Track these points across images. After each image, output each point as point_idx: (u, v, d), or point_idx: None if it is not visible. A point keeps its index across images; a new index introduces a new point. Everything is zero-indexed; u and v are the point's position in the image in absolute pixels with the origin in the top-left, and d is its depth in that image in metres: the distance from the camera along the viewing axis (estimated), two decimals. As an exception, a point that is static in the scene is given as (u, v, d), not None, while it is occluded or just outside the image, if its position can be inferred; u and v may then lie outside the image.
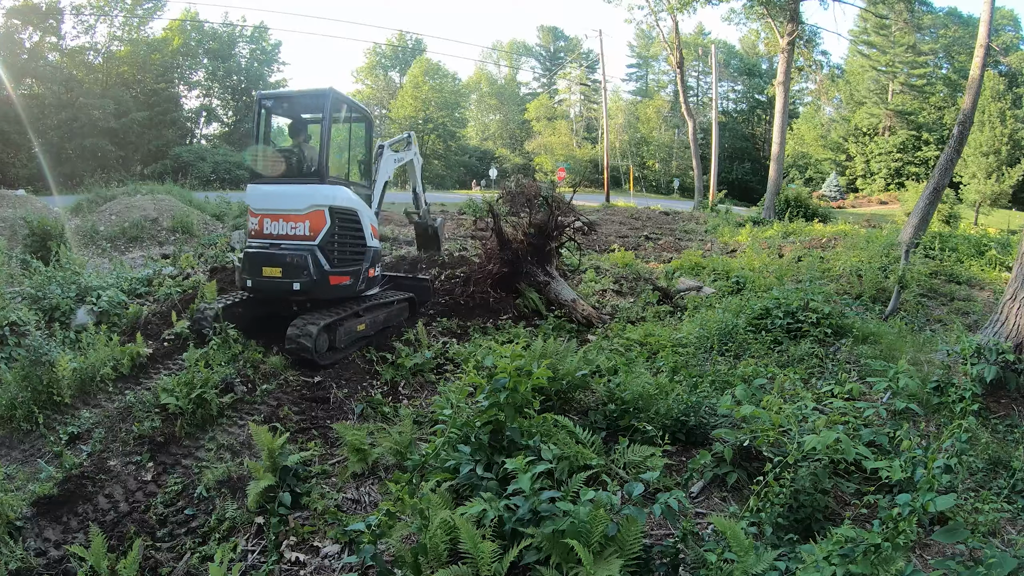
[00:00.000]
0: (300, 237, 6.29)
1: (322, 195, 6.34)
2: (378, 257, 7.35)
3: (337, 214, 6.41)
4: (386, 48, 60.04)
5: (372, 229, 7.13)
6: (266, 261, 6.30)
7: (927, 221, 13.99)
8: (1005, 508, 3.57)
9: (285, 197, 6.43)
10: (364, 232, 6.90)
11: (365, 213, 6.94)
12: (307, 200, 6.29)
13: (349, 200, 6.66)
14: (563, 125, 60.51)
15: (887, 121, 52.64)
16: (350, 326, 6.66)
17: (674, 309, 8.62)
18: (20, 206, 13.50)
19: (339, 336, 6.49)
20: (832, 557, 2.59)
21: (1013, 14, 51.46)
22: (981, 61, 13.42)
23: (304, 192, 6.38)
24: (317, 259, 6.23)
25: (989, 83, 37.66)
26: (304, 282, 6.15)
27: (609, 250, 13.91)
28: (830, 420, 3.84)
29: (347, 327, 6.61)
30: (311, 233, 6.27)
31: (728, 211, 24.36)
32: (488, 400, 3.96)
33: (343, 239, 6.56)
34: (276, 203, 6.44)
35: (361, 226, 6.85)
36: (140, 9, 39.46)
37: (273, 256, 6.28)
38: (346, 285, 6.63)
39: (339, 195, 6.52)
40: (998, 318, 5.59)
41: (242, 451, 4.80)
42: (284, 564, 3.62)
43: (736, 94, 65.51)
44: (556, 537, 2.90)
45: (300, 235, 6.29)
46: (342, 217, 6.49)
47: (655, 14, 31.90)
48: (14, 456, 4.66)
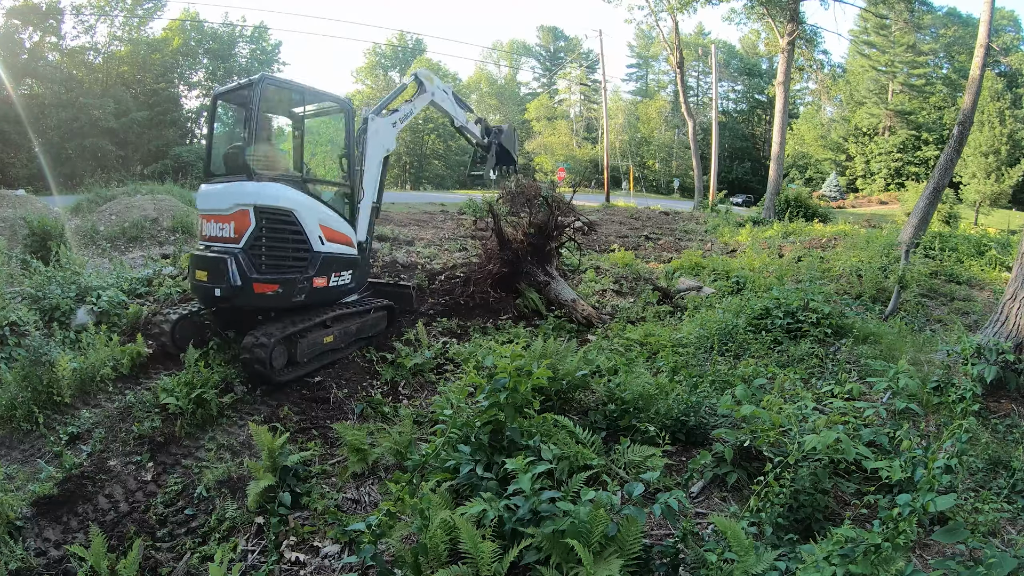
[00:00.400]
0: (226, 239, 5.76)
1: (246, 193, 5.69)
2: (340, 265, 6.48)
3: (264, 214, 5.71)
4: (386, 48, 60.09)
5: (326, 231, 6.27)
6: (199, 264, 5.90)
7: (927, 221, 13.99)
8: (1005, 508, 3.57)
9: (216, 197, 5.97)
10: (306, 235, 6.04)
11: (309, 213, 6.06)
12: (231, 199, 5.74)
13: (281, 199, 5.84)
14: (563, 125, 60.56)
15: (887, 121, 52.67)
16: (314, 338, 6.11)
17: (674, 309, 8.62)
18: (20, 206, 13.50)
19: (301, 349, 5.93)
20: (832, 557, 2.59)
21: (1013, 15, 51.54)
22: (981, 61, 13.42)
23: (229, 191, 5.85)
24: (240, 263, 5.60)
25: (989, 83, 37.69)
26: (223, 288, 5.59)
27: (609, 250, 13.91)
28: (830, 420, 3.84)
29: (311, 339, 6.06)
30: (235, 235, 5.69)
31: (728, 211, 24.37)
32: (488, 400, 3.96)
33: (273, 242, 5.81)
34: (210, 203, 6.03)
35: (301, 228, 5.99)
36: (140, 9, 39.49)
37: (204, 259, 5.84)
38: (274, 295, 5.82)
39: (267, 193, 5.75)
40: (998, 318, 5.59)
41: (242, 451, 4.80)
42: (284, 564, 3.63)
43: (736, 94, 65.57)
44: (556, 537, 2.90)
45: (226, 237, 5.76)
46: (271, 218, 5.76)
47: (655, 14, 31.95)
48: (14, 456, 4.66)
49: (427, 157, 55.76)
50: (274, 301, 5.89)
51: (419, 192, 41.07)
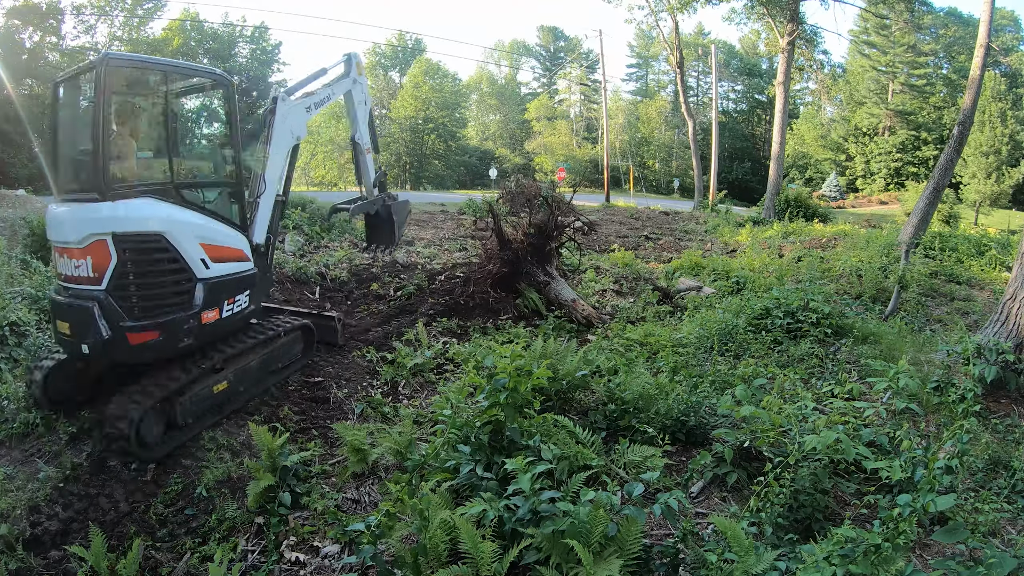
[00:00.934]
0: (84, 279, 4.42)
1: (100, 218, 4.32)
2: (231, 288, 5.14)
3: (126, 243, 4.36)
4: (386, 48, 60.06)
5: (210, 250, 4.92)
6: (59, 312, 4.57)
7: (927, 221, 13.99)
8: (1005, 508, 3.57)
9: (64, 223, 4.54)
10: (185, 260, 4.70)
11: (185, 232, 4.70)
12: (83, 227, 4.36)
13: (145, 220, 4.48)
14: (563, 125, 60.53)
15: (887, 121, 52.67)
16: (199, 391, 4.91)
17: (674, 309, 8.62)
18: (20, 206, 13.48)
19: (183, 410, 4.75)
20: (832, 557, 2.59)
21: (1013, 15, 51.51)
22: (981, 61, 13.42)
23: (79, 216, 4.44)
24: (106, 310, 4.33)
25: (990, 83, 37.70)
26: (92, 343, 4.34)
27: (609, 250, 13.91)
28: (830, 420, 3.84)
29: (194, 393, 4.86)
30: (95, 273, 4.36)
31: (728, 211, 24.36)
32: (488, 400, 3.96)
33: (143, 278, 4.50)
34: (58, 232, 4.61)
35: (177, 254, 4.64)
36: (140, 9, 39.48)
37: (63, 305, 4.52)
38: (155, 343, 4.54)
39: (126, 215, 4.39)
40: (998, 318, 5.59)
41: (242, 451, 4.80)
42: (284, 564, 3.63)
43: (736, 94, 65.55)
44: (556, 537, 2.90)
45: (84, 277, 4.42)
46: (136, 247, 4.42)
47: (655, 14, 31.92)
48: (14, 456, 4.66)
49: (427, 157, 55.75)
50: (156, 350, 4.61)
51: (419, 192, 41.04)
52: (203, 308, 4.86)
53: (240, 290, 5.27)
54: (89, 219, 4.38)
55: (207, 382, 4.99)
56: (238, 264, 5.25)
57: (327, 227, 13.69)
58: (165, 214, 4.65)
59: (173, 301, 4.71)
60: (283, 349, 5.89)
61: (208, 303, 4.89)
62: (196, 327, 4.83)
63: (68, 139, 5.06)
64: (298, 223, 13.31)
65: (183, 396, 4.77)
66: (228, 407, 5.24)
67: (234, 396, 5.31)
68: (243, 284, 5.31)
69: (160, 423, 4.65)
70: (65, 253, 4.55)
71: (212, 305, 4.95)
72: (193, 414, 4.88)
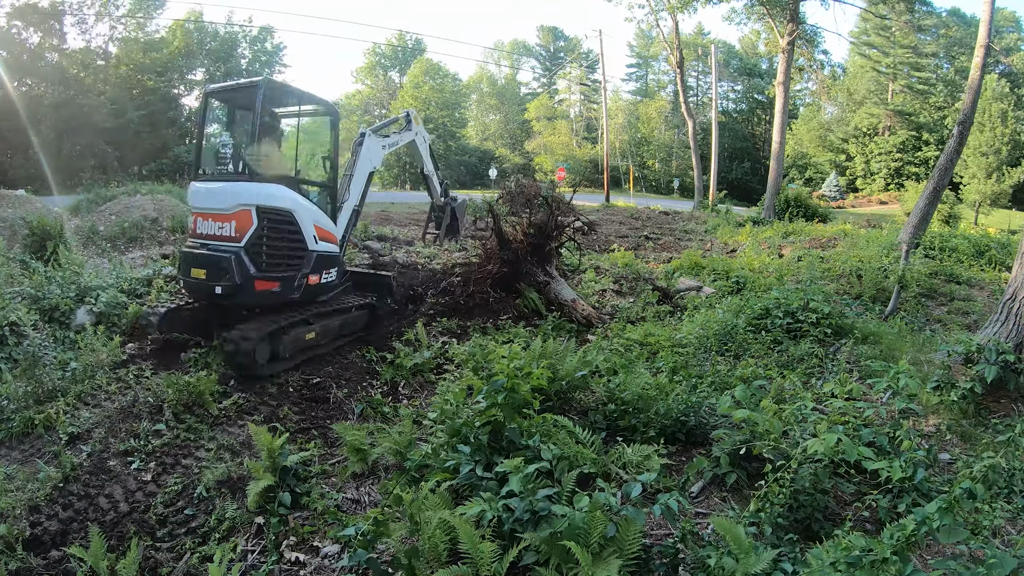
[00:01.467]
0: (226, 238, 5.91)
1: (250, 194, 5.92)
2: (328, 262, 6.73)
3: (266, 214, 5.95)
4: (386, 48, 60.04)
5: (319, 231, 6.56)
6: (195, 261, 5.97)
7: (927, 221, 13.99)
8: (1005, 508, 3.57)
9: (215, 195, 6.07)
10: (303, 235, 6.34)
11: (307, 214, 6.38)
12: (234, 199, 5.90)
13: (282, 200, 6.12)
14: (563, 125, 60.51)
15: (887, 121, 52.65)
16: (297, 334, 6.27)
17: (674, 309, 8.62)
18: (20, 206, 13.49)
19: (283, 345, 6.09)
20: (839, 564, 2.58)
21: (1015, 15, 51.48)
22: (981, 62, 13.41)
23: (231, 190, 5.99)
24: (242, 262, 5.78)
25: (992, 84, 37.69)
26: (226, 286, 5.74)
27: (609, 250, 13.91)
28: (830, 420, 3.84)
29: (293, 335, 6.21)
30: (236, 234, 5.86)
31: (728, 211, 24.36)
32: (487, 400, 3.96)
33: (274, 242, 6.06)
34: (207, 201, 6.11)
35: (299, 228, 6.28)
36: (141, 10, 39.47)
37: (200, 256, 5.95)
38: (274, 292, 6.09)
39: (270, 194, 6.02)
40: (998, 318, 5.59)
41: (242, 451, 4.80)
42: (284, 564, 3.63)
43: (736, 94, 65.52)
44: (554, 539, 2.90)
45: (226, 236, 5.90)
46: (273, 218, 6.01)
47: (655, 13, 31.92)
48: (14, 456, 4.66)
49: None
50: (274, 298, 6.13)
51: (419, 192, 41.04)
52: (310, 272, 6.42)
53: (331, 265, 6.85)
54: (241, 192, 5.97)
55: (302, 330, 6.33)
56: (333, 246, 6.87)
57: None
58: (295, 198, 6.33)
59: (291, 262, 6.26)
60: (354, 319, 7.29)
61: (314, 269, 6.47)
62: (304, 285, 6.39)
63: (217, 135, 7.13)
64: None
65: (285, 336, 6.09)
66: (311, 352, 6.51)
67: (317, 346, 6.60)
68: (334, 262, 6.90)
69: (267, 351, 5.96)
70: (210, 217, 6.06)
71: (316, 271, 6.53)
72: (290, 351, 6.18)
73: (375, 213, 17.72)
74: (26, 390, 5.25)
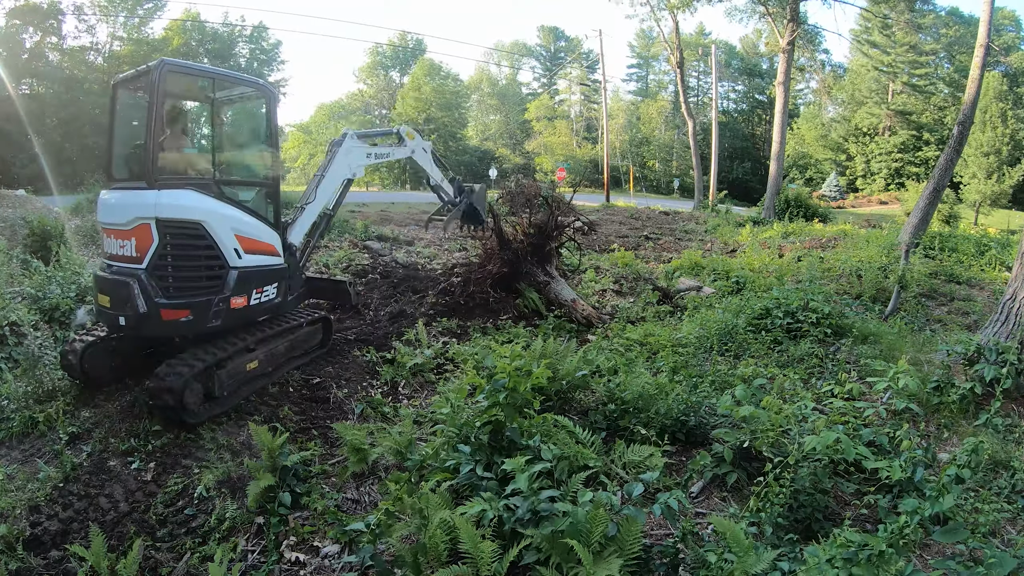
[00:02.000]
0: (128, 259, 4.93)
1: (145, 204, 4.80)
2: (262, 278, 5.61)
3: (168, 228, 4.83)
4: (387, 48, 60.06)
5: (245, 242, 5.36)
6: (101, 286, 5.08)
7: (927, 221, 13.99)
8: (1005, 508, 3.57)
9: (114, 208, 5.08)
10: (219, 249, 5.14)
11: (222, 223, 5.15)
12: (130, 211, 4.87)
13: (187, 208, 4.95)
14: (563, 125, 60.55)
15: (887, 121, 52.65)
16: (236, 367, 5.33)
17: (674, 309, 8.62)
18: (20, 206, 13.49)
19: (220, 382, 5.11)
20: (835, 560, 2.58)
21: (1014, 15, 51.49)
22: (981, 61, 13.42)
23: (127, 201, 4.97)
24: (145, 287, 4.77)
25: (992, 83, 37.68)
26: (129, 316, 4.81)
27: (609, 250, 13.91)
28: (830, 420, 3.84)
29: (231, 368, 5.27)
30: (137, 254, 4.85)
31: (728, 211, 24.36)
32: (488, 400, 3.96)
33: (180, 261, 4.96)
34: (110, 215, 5.12)
35: (212, 241, 5.08)
36: (141, 9, 39.50)
37: (105, 281, 5.03)
38: (185, 322, 4.99)
39: (169, 203, 4.85)
40: (998, 318, 5.59)
41: (242, 451, 4.80)
42: (284, 564, 3.63)
43: (736, 94, 65.56)
44: (556, 537, 2.90)
45: (128, 256, 4.92)
46: (176, 232, 4.90)
47: (655, 13, 31.94)
48: (14, 456, 4.66)
49: (427, 157, 55.68)
50: (185, 328, 5.06)
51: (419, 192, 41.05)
52: (233, 294, 5.26)
53: (268, 282, 5.69)
54: (136, 203, 4.89)
55: (241, 360, 5.41)
56: (268, 258, 5.68)
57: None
58: (203, 205, 5.08)
59: (205, 284, 5.14)
60: (305, 336, 6.39)
61: (238, 290, 5.31)
62: (225, 311, 5.23)
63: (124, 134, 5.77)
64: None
65: (221, 371, 5.14)
66: (255, 384, 5.63)
67: (263, 375, 5.73)
68: (272, 277, 5.74)
69: (200, 392, 5.01)
70: (112, 234, 5.07)
71: (241, 292, 5.36)
72: (229, 388, 5.26)
73: (375, 213, 17.72)
74: (26, 390, 5.26)
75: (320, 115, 60.78)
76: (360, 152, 6.77)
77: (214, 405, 5.13)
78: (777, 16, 25.80)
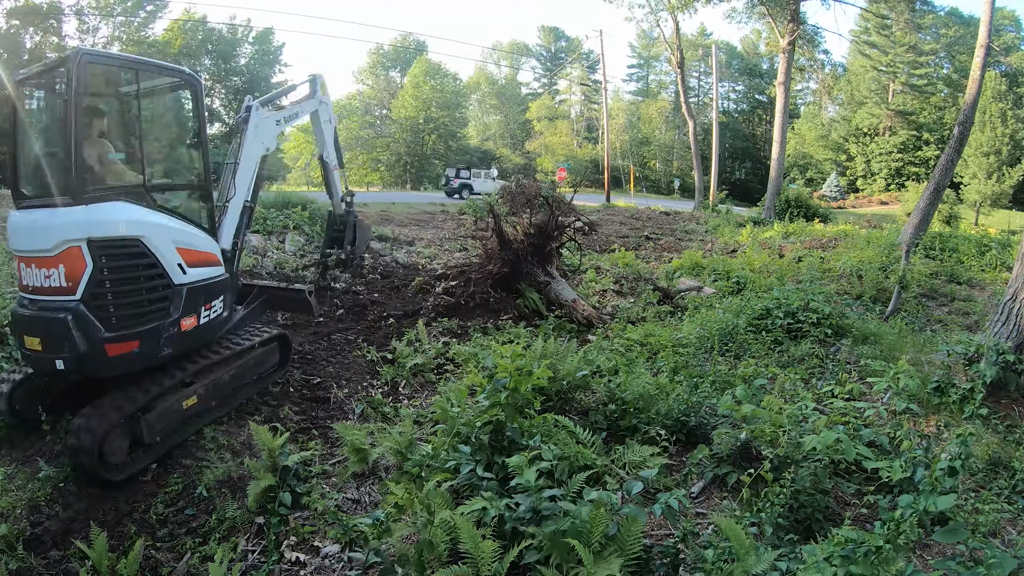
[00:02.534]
0: (57, 290, 4.09)
1: (74, 223, 4.03)
2: (209, 293, 4.95)
3: (104, 249, 4.10)
4: (388, 49, 60.09)
5: (187, 254, 4.70)
6: (25, 327, 4.22)
7: (927, 221, 13.99)
8: (1005, 508, 3.57)
9: (34, 231, 4.21)
10: (163, 266, 4.47)
11: (163, 235, 4.48)
12: (55, 234, 4.05)
13: (122, 223, 4.24)
14: (564, 125, 60.62)
15: (888, 121, 52.67)
16: (168, 407, 4.57)
17: (674, 309, 8.62)
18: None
19: (149, 427, 4.38)
20: (833, 558, 2.59)
21: (1014, 15, 51.50)
22: (981, 61, 13.42)
23: (51, 222, 4.11)
24: (83, 322, 4.05)
25: (990, 83, 37.68)
26: (68, 358, 4.05)
27: (609, 250, 13.91)
28: (830, 420, 3.84)
29: (162, 409, 4.51)
30: (69, 283, 4.06)
31: (729, 211, 24.37)
32: (488, 400, 3.96)
33: (121, 286, 4.26)
34: (26, 240, 4.27)
35: (155, 258, 4.40)
36: (142, 11, 39.52)
37: (31, 320, 4.18)
38: (135, 355, 4.31)
39: (103, 218, 4.14)
40: (998, 318, 5.59)
41: (242, 451, 4.80)
42: (284, 564, 3.63)
43: (737, 94, 65.61)
44: (556, 537, 2.90)
45: (56, 287, 4.09)
46: (113, 253, 4.17)
47: (655, 13, 31.94)
48: (14, 456, 4.66)
49: (428, 157, 55.79)
50: (138, 362, 4.38)
51: (419, 192, 41.08)
52: (182, 315, 4.63)
53: (215, 295, 5.06)
54: (63, 223, 4.07)
55: (175, 398, 4.67)
56: (212, 269, 5.03)
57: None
58: (141, 216, 4.40)
59: (152, 308, 4.46)
60: (257, 360, 5.57)
61: (187, 309, 4.68)
62: (176, 335, 4.60)
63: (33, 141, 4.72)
64: (298, 223, 13.30)
65: (149, 415, 4.41)
66: (197, 423, 4.91)
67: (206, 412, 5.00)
68: (219, 289, 5.11)
69: (126, 441, 4.36)
70: (33, 263, 4.20)
71: (191, 311, 4.73)
72: (163, 432, 4.55)
73: (375, 213, 17.71)
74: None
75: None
76: (269, 122, 6.10)
77: (146, 454, 4.46)
78: (777, 16, 25.81)
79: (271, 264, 10.17)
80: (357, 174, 56.16)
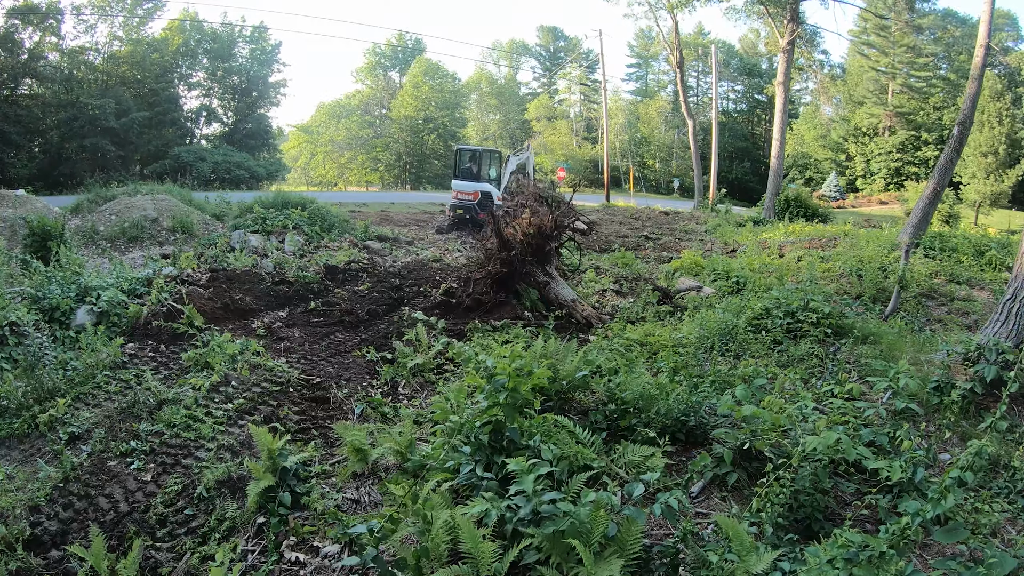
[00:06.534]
0: (468, 201, 12.64)
1: (479, 187, 10.07)
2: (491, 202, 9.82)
3: (483, 194, 10.31)
4: (386, 48, 60.03)
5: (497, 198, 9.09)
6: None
7: (927, 221, 14.00)
8: (1005, 508, 3.57)
9: (468, 186, 13.34)
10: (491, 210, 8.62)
11: (494, 191, 9.91)
12: (476, 187, 10.40)
13: (486, 189, 10.04)
14: (563, 125, 60.55)
15: (887, 121, 52.63)
16: None
17: (674, 309, 8.62)
18: (20, 206, 13.50)
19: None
20: (836, 560, 2.58)
21: (1011, 14, 51.51)
22: (981, 61, 13.42)
23: (474, 187, 10.25)
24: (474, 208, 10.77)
25: (989, 83, 37.66)
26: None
27: (609, 250, 13.91)
28: (830, 420, 3.84)
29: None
30: (474, 200, 12.97)
31: (728, 211, 24.37)
32: (488, 400, 3.96)
33: (483, 205, 9.05)
34: (462, 187, 13.97)
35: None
36: (140, 9, 39.48)
37: (455, 207, 13.13)
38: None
39: (484, 188, 11.17)
40: (998, 318, 5.59)
41: (242, 451, 4.80)
42: (284, 564, 3.62)
43: (736, 94, 65.52)
44: (556, 537, 2.90)
45: (468, 202, 12.29)
46: (485, 194, 10.01)
47: (654, 12, 31.95)
48: (14, 456, 4.66)
49: (427, 157, 55.76)
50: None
51: (419, 192, 41.05)
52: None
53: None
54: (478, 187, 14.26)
55: None
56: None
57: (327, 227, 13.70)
58: (489, 189, 14.92)
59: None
60: None
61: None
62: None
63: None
64: (298, 223, 13.30)
65: None
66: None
67: None
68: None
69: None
70: (461, 193, 15.23)
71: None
72: None
73: (375, 213, 17.70)
74: (26, 390, 5.26)
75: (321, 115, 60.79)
76: (512, 160, 17.04)
77: None
78: (777, 16, 25.81)
79: (271, 264, 10.17)
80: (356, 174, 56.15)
